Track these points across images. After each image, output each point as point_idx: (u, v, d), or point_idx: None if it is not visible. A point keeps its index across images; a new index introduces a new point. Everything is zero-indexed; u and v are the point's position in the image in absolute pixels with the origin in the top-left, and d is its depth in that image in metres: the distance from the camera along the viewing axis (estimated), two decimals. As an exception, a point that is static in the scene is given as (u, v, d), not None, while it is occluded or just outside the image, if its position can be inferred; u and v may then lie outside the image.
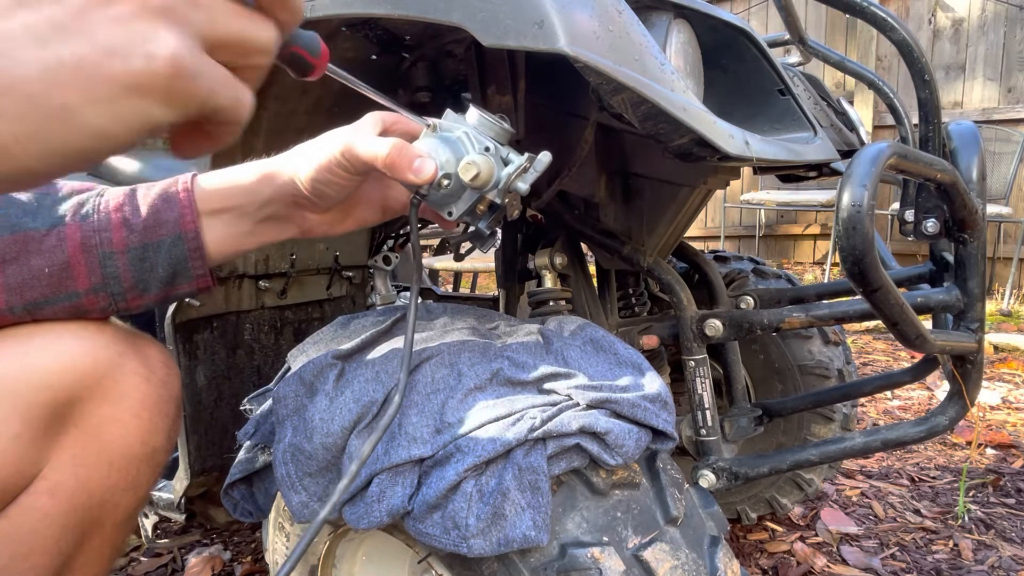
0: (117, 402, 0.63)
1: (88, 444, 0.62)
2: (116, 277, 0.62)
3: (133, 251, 0.62)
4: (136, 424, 0.64)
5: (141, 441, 0.65)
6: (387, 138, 0.61)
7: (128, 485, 0.66)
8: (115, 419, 0.63)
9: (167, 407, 0.68)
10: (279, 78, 0.85)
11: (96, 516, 0.64)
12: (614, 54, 0.60)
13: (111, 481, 0.64)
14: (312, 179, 0.63)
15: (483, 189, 0.63)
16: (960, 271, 0.85)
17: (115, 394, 0.63)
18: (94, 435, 0.62)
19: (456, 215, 0.65)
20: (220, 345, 1.09)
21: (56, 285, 0.60)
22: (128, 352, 0.65)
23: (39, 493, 0.60)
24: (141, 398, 0.64)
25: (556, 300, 1.00)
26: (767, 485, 1.47)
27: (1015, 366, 2.96)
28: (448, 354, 0.71)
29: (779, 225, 5.47)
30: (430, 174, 0.61)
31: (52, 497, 0.60)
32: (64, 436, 0.61)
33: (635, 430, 0.66)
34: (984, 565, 1.41)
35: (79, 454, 0.62)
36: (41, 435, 0.59)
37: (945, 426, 0.89)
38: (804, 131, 0.91)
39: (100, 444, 0.62)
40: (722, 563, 0.68)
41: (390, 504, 0.61)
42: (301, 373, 0.71)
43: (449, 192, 0.64)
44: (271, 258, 1.12)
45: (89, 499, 0.63)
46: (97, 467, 0.63)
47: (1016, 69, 4.55)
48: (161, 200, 0.63)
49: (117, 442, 0.63)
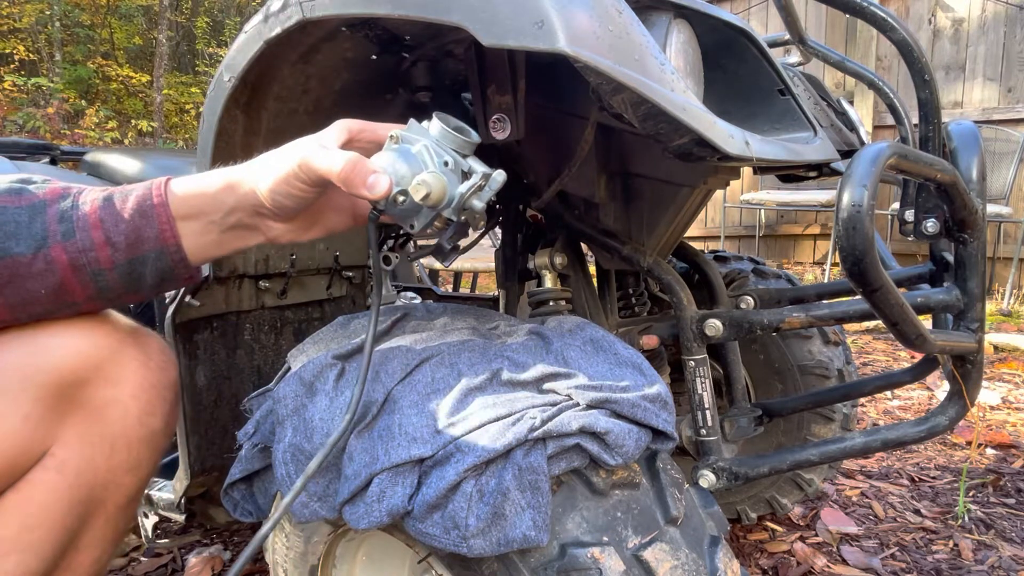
0: (117, 384, 0.67)
1: (92, 424, 0.66)
2: (109, 288, 0.65)
3: (120, 267, 0.64)
4: (135, 405, 0.69)
5: (140, 422, 0.69)
6: (345, 152, 0.62)
7: (130, 466, 0.70)
8: (116, 400, 0.67)
9: (165, 392, 0.72)
10: (279, 78, 0.85)
11: (100, 495, 0.68)
12: (614, 54, 0.60)
13: (113, 461, 0.68)
14: (271, 190, 0.64)
15: (437, 207, 0.63)
16: (960, 271, 0.85)
17: (115, 377, 0.67)
18: (97, 416, 0.66)
19: (417, 229, 0.65)
20: (220, 345, 1.09)
21: (55, 301, 0.64)
22: (127, 339, 0.69)
23: (47, 469, 0.64)
24: (139, 381, 0.69)
25: (556, 300, 1.00)
26: (767, 485, 1.47)
27: (1015, 366, 2.96)
28: (448, 354, 0.71)
29: (779, 225, 5.47)
30: (383, 191, 0.61)
31: (59, 473, 0.65)
32: (70, 416, 0.65)
33: (635, 430, 0.66)
34: (984, 565, 1.41)
35: (84, 433, 0.66)
36: (49, 415, 0.63)
37: (945, 426, 0.89)
38: (804, 131, 0.91)
39: (103, 424, 0.67)
40: (722, 563, 0.68)
41: (390, 504, 0.61)
42: (301, 373, 0.71)
43: (407, 208, 0.64)
44: (271, 258, 1.12)
45: (94, 477, 0.67)
46: (100, 446, 0.67)
47: (1016, 69, 4.55)
48: (139, 215, 0.64)
49: (118, 422, 0.68)
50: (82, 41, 10.91)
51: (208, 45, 12.50)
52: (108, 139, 8.73)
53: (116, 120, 9.47)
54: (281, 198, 0.64)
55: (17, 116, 8.42)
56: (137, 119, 9.99)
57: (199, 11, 12.65)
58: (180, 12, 12.18)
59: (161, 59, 9.80)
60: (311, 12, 0.69)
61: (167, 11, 10.22)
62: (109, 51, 11.28)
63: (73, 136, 8.47)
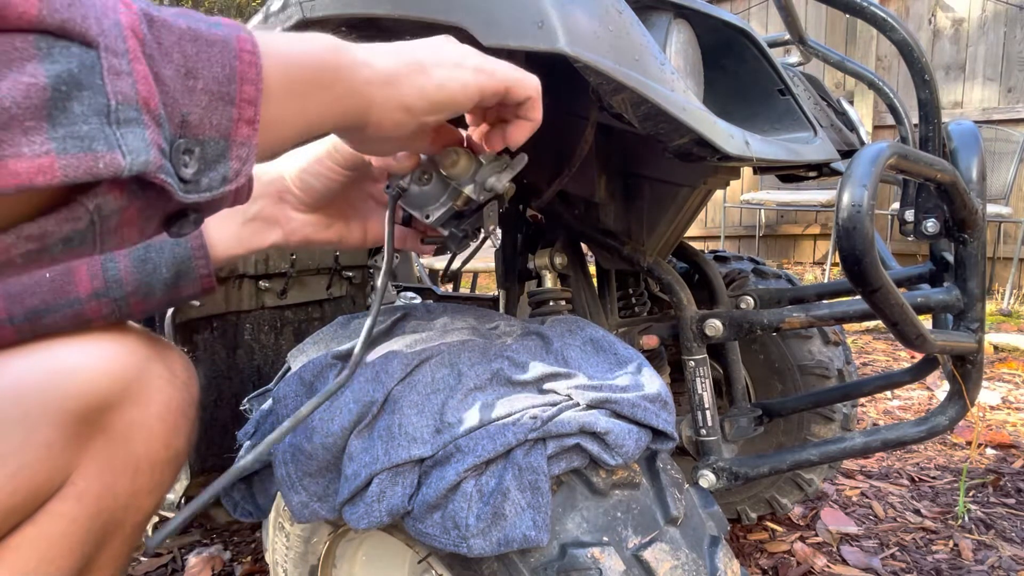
0: (144, 407, 0.63)
1: (116, 450, 0.62)
2: (118, 280, 0.62)
3: (135, 252, 0.62)
4: (161, 428, 0.65)
5: (165, 444, 0.66)
6: None
7: (151, 488, 0.66)
8: (142, 423, 0.63)
9: (189, 410, 0.68)
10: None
11: (119, 519, 0.65)
12: (614, 54, 0.60)
13: (136, 486, 0.64)
14: (302, 170, 0.65)
15: (459, 180, 0.65)
16: (960, 271, 0.85)
17: (143, 399, 0.63)
18: (122, 441, 0.62)
19: (433, 218, 0.67)
20: (220, 345, 1.09)
21: (57, 291, 0.60)
22: (153, 356, 0.65)
23: (67, 499, 0.60)
24: (166, 401, 0.65)
25: (556, 300, 1.00)
26: (767, 485, 1.47)
27: (1015, 366, 2.96)
28: (448, 354, 0.71)
29: (779, 225, 5.47)
30: (413, 161, 0.64)
31: (79, 502, 0.60)
32: (93, 442, 0.61)
33: (635, 430, 0.66)
34: (984, 565, 1.41)
35: (107, 459, 0.62)
36: (73, 442, 0.59)
37: (945, 426, 0.89)
38: (804, 131, 0.91)
39: (128, 450, 0.63)
40: (722, 563, 0.68)
41: (390, 504, 0.61)
42: (301, 373, 0.71)
43: (428, 192, 0.66)
44: (271, 258, 1.12)
45: (114, 503, 0.63)
46: (124, 472, 0.63)
47: (1016, 69, 4.55)
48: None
49: (143, 447, 0.64)
50: (82, 41, 10.92)
51: (208, 45, 12.51)
52: (108, 139, 8.73)
53: (116, 120, 9.46)
54: (310, 178, 0.65)
55: (17, 116, 8.42)
56: (137, 119, 9.99)
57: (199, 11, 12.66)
58: (180, 12, 12.19)
59: (161, 59, 9.80)
60: (311, 12, 0.69)
61: (167, 11, 10.23)
62: (109, 51, 11.28)
63: (73, 136, 8.46)
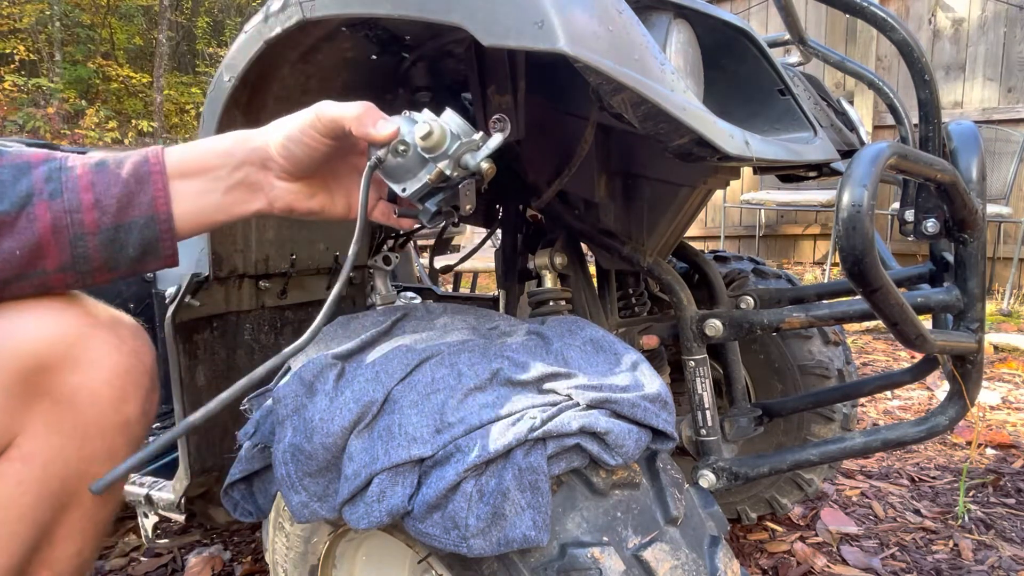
0: (88, 370, 0.64)
1: (62, 413, 0.64)
2: (86, 257, 0.63)
3: (105, 232, 0.62)
4: (109, 392, 0.66)
5: (115, 410, 0.67)
6: (359, 102, 0.66)
7: (104, 456, 0.67)
8: (86, 387, 0.64)
9: (140, 378, 0.69)
10: (279, 78, 0.85)
11: (73, 487, 0.66)
12: (614, 54, 0.60)
13: (86, 451, 0.66)
14: (286, 137, 0.66)
15: (434, 153, 0.66)
16: (960, 271, 0.85)
17: (85, 362, 0.64)
18: (67, 404, 0.64)
19: (409, 192, 0.68)
20: (220, 345, 1.09)
21: (26, 264, 0.61)
22: (98, 323, 0.66)
23: (11, 460, 0.62)
24: (112, 366, 0.66)
25: (556, 300, 1.00)
26: (767, 485, 1.47)
27: (1015, 366, 2.96)
28: (448, 354, 0.71)
29: (779, 225, 5.47)
30: (390, 131, 0.66)
31: (25, 464, 0.62)
32: (37, 405, 0.62)
33: (635, 430, 0.66)
34: (984, 565, 1.41)
35: (52, 423, 0.63)
36: (13, 403, 0.61)
37: (945, 426, 0.89)
38: (804, 131, 0.91)
39: (74, 413, 0.64)
40: (722, 563, 0.68)
41: (390, 504, 0.61)
42: (301, 373, 0.71)
43: (404, 165, 0.67)
44: (271, 258, 1.12)
45: (65, 468, 0.64)
46: (71, 436, 0.64)
47: (1016, 69, 4.54)
48: (134, 180, 0.63)
49: (90, 410, 0.65)
50: (82, 41, 10.92)
51: (208, 45, 12.51)
52: (108, 139, 8.74)
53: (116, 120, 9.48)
54: (293, 146, 0.66)
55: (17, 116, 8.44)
56: (137, 119, 10.00)
57: (199, 11, 12.66)
58: (180, 12, 12.19)
59: (161, 59, 9.80)
60: (311, 12, 0.70)
61: (167, 11, 10.23)
62: (109, 51, 11.29)
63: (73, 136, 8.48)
